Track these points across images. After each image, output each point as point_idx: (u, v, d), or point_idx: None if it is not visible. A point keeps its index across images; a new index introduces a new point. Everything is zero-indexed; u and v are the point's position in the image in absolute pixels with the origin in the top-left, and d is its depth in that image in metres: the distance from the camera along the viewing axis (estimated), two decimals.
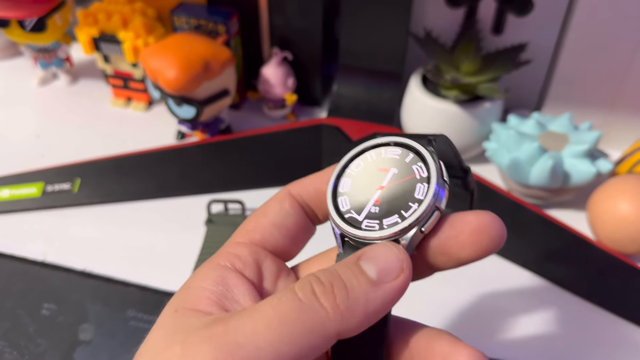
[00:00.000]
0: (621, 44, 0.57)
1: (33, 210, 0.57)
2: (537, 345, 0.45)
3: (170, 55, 0.56)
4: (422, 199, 0.22)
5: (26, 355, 0.44)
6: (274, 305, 0.19)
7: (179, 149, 0.62)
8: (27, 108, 0.71)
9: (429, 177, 0.22)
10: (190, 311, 0.21)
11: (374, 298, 0.19)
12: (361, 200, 0.23)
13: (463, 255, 0.22)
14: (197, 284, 0.23)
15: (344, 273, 0.20)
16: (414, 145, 0.23)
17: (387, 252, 0.20)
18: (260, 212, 0.26)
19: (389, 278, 0.20)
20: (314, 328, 0.18)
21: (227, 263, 0.24)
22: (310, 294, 0.19)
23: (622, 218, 0.49)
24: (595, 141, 0.53)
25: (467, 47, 0.58)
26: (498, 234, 0.22)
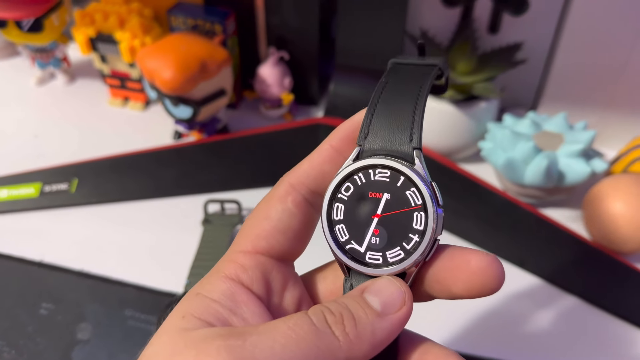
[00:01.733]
0: (616, 44, 0.57)
1: (31, 211, 0.57)
2: (531, 343, 0.46)
3: (167, 56, 0.56)
4: (423, 230, 0.22)
5: (25, 354, 0.45)
6: (291, 327, 0.19)
7: (176, 148, 0.62)
8: (25, 108, 0.71)
9: (424, 204, 0.22)
10: (199, 320, 0.21)
11: (379, 328, 0.21)
12: (359, 230, 0.23)
13: (455, 290, 0.22)
14: (205, 294, 0.22)
15: (351, 305, 0.21)
16: (402, 170, 0.22)
17: (390, 286, 0.22)
18: (263, 214, 0.25)
19: (393, 310, 0.21)
20: (326, 353, 0.19)
21: (235, 276, 0.23)
22: (323, 321, 0.20)
23: (617, 217, 0.50)
24: (590, 141, 0.53)
25: (463, 47, 0.58)
26: (495, 277, 0.21)
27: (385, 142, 0.23)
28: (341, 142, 0.24)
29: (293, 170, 0.25)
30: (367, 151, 0.23)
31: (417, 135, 0.22)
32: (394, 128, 0.23)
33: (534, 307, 0.48)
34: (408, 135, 0.23)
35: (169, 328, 0.21)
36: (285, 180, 0.25)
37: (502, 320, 0.47)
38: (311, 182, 0.24)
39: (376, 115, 0.23)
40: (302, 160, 0.25)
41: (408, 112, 0.23)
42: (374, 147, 0.23)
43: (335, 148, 0.24)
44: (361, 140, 0.23)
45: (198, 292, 0.22)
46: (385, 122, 0.23)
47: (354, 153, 0.23)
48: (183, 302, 0.22)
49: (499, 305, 0.48)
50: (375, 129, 0.23)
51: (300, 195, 0.24)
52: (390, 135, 0.23)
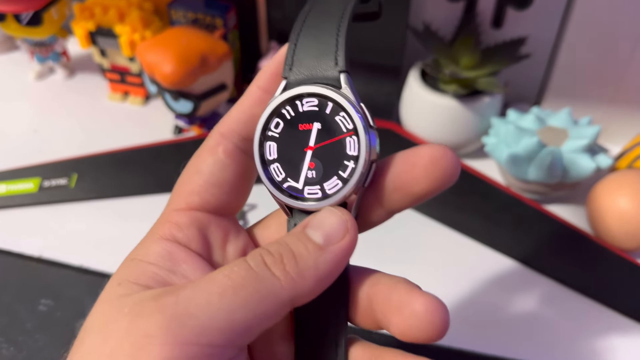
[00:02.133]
0: (622, 38, 0.56)
1: (30, 206, 0.56)
2: (534, 340, 0.45)
3: (167, 49, 0.55)
4: (357, 155, 0.21)
5: (24, 350, 0.44)
6: (227, 275, 0.19)
7: (176, 143, 0.62)
8: (24, 103, 0.71)
9: (355, 128, 0.21)
10: (135, 285, 0.20)
11: (323, 262, 0.20)
12: (294, 166, 0.22)
13: (417, 189, 0.21)
14: (140, 258, 0.22)
15: (292, 243, 0.20)
16: (328, 95, 0.21)
17: (330, 216, 0.21)
18: (193, 168, 0.23)
19: (335, 240, 0.20)
20: (267, 295, 0.19)
21: (170, 236, 0.22)
22: (262, 263, 0.19)
23: (622, 214, 0.49)
24: (595, 136, 0.53)
25: (467, 41, 0.58)
26: (451, 164, 0.21)
27: (311, 70, 0.22)
28: (268, 82, 0.23)
29: (222, 120, 0.24)
30: (292, 83, 0.22)
31: (341, 57, 0.22)
32: (319, 54, 0.22)
33: (535, 303, 0.48)
34: (333, 59, 0.22)
35: (106, 297, 0.20)
36: (214, 131, 0.23)
37: (503, 316, 0.47)
38: (242, 128, 0.23)
39: (299, 44, 0.22)
40: (231, 108, 0.24)
41: (331, 35, 0.22)
42: (300, 77, 0.22)
43: (263, 89, 0.23)
44: (286, 72, 0.22)
45: (133, 257, 0.22)
46: (308, 50, 0.22)
47: (280, 87, 0.22)
48: (119, 269, 0.22)
49: (501, 301, 0.48)
50: (300, 58, 0.22)
51: (231, 143, 0.23)
52: (315, 62, 0.22)
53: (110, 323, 0.19)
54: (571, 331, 0.46)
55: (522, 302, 0.48)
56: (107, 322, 0.19)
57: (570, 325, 0.47)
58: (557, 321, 0.47)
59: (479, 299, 0.48)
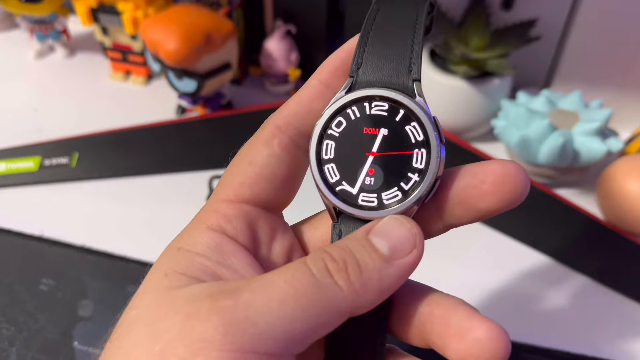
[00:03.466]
0: (633, 22, 0.55)
1: (30, 185, 0.55)
2: (545, 325, 0.45)
3: (171, 27, 0.54)
4: (423, 169, 0.20)
5: (25, 331, 0.44)
6: (288, 281, 0.18)
7: (179, 123, 0.61)
8: (24, 82, 0.69)
9: (426, 141, 0.20)
10: (183, 277, 0.19)
11: (387, 275, 0.19)
12: (352, 169, 0.21)
13: (483, 205, 0.20)
14: (188, 247, 0.20)
15: (356, 250, 0.19)
16: (403, 102, 0.20)
17: (399, 227, 0.19)
18: (246, 159, 0.22)
19: (402, 254, 0.19)
20: (328, 306, 0.18)
21: (217, 227, 0.21)
22: (325, 270, 0.18)
23: (632, 198, 0.48)
24: (607, 119, 0.52)
25: (476, 22, 0.57)
26: (522, 184, 0.20)
27: (381, 73, 0.21)
28: (330, 76, 0.22)
29: (279, 111, 0.22)
30: (360, 83, 0.21)
31: (417, 66, 0.21)
32: (391, 57, 0.21)
33: (546, 287, 0.47)
34: (407, 65, 0.21)
35: (152, 288, 0.19)
36: (270, 122, 0.22)
37: (513, 299, 0.46)
38: (299, 122, 0.22)
39: (370, 43, 0.21)
40: (288, 100, 0.23)
41: (406, 40, 0.21)
42: (369, 78, 0.21)
43: (324, 83, 0.22)
44: (353, 71, 0.21)
45: (179, 246, 0.21)
46: (380, 50, 0.21)
47: (346, 85, 0.21)
48: (163, 258, 0.20)
49: (510, 284, 0.47)
50: (370, 57, 0.21)
51: (287, 137, 0.22)
52: (387, 65, 0.21)
53: (160, 320, 0.18)
54: (579, 314, 0.46)
55: (530, 285, 0.47)
56: (156, 318, 0.18)
57: (577, 308, 0.46)
58: (566, 304, 0.46)
59: (486, 283, 0.47)
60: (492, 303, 0.46)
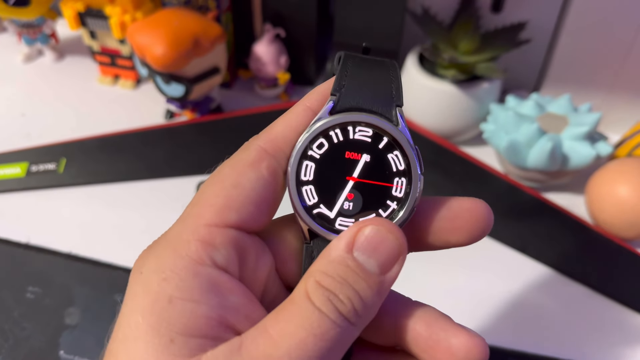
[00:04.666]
0: (623, 25, 0.55)
1: (17, 191, 0.55)
2: (532, 329, 0.45)
3: (159, 31, 0.54)
4: (402, 198, 0.21)
5: (10, 339, 0.43)
6: (318, 336, 0.18)
7: (167, 128, 0.60)
8: (11, 86, 0.69)
9: (408, 171, 0.20)
10: (192, 340, 0.18)
11: (384, 292, 0.19)
12: (331, 193, 0.21)
13: (453, 239, 0.21)
14: (180, 295, 0.18)
15: (351, 279, 0.19)
16: (387, 130, 0.20)
17: (385, 240, 0.19)
18: (229, 180, 0.21)
19: (390, 266, 0.19)
20: (348, 342, 0.19)
21: (206, 258, 0.19)
22: (340, 315, 0.18)
23: (621, 202, 0.48)
24: (595, 123, 0.52)
25: (466, 26, 0.56)
26: (490, 223, 0.21)
27: (364, 96, 0.21)
28: (319, 104, 0.22)
29: (265, 133, 0.22)
30: (343, 102, 0.21)
31: (398, 91, 0.21)
32: (373, 81, 0.21)
33: (533, 291, 0.47)
34: (389, 90, 0.21)
35: (156, 357, 0.18)
36: (255, 144, 0.21)
37: (500, 305, 0.46)
38: (288, 146, 0.21)
39: (351, 69, 0.21)
40: (274, 122, 0.22)
41: (386, 71, 0.21)
42: (351, 99, 0.21)
43: (312, 110, 0.22)
44: (336, 90, 0.21)
45: (171, 294, 0.18)
46: (362, 74, 0.21)
47: (328, 104, 0.21)
48: (152, 313, 0.18)
49: (497, 289, 0.47)
50: (352, 80, 0.21)
51: (275, 161, 0.21)
52: (370, 89, 0.21)
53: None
54: (567, 319, 0.46)
55: (518, 289, 0.47)
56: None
57: (567, 313, 0.46)
58: (554, 309, 0.46)
59: (474, 287, 0.47)
60: (478, 308, 0.46)
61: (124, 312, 0.19)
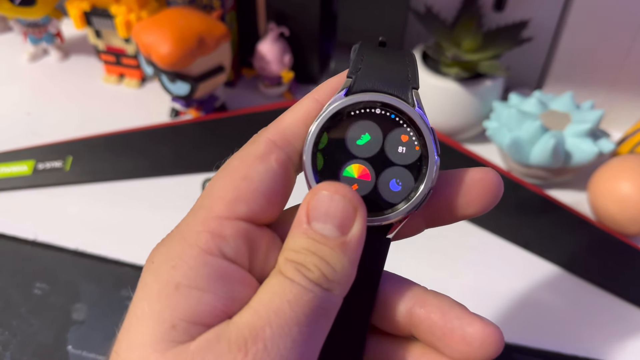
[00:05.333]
0: (625, 22, 0.56)
1: (24, 189, 0.55)
2: (535, 324, 0.45)
3: (164, 30, 0.54)
4: (419, 179, 0.21)
5: (18, 335, 0.44)
6: (292, 303, 0.18)
7: (172, 126, 0.61)
8: (17, 85, 0.69)
9: (424, 151, 0.20)
10: (195, 327, 0.18)
11: (351, 252, 0.19)
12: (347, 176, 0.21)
13: (468, 211, 0.22)
14: (188, 283, 0.19)
15: (314, 248, 0.19)
16: (404, 110, 0.20)
17: (334, 202, 0.19)
18: (238, 173, 0.21)
19: (349, 225, 0.19)
20: (330, 309, 0.19)
21: (215, 249, 0.19)
22: (310, 282, 0.19)
23: (623, 199, 0.49)
24: (598, 120, 0.52)
25: (468, 24, 0.57)
26: (500, 190, 0.22)
27: (381, 78, 0.21)
28: (328, 97, 0.22)
29: (273, 126, 0.22)
30: (359, 85, 0.21)
31: (414, 75, 0.21)
32: (391, 64, 0.21)
33: (536, 287, 0.48)
34: (405, 73, 0.21)
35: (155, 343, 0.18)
36: (264, 137, 0.21)
37: (503, 300, 0.47)
38: (297, 138, 0.21)
39: (367, 55, 0.22)
40: (283, 115, 0.22)
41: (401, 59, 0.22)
42: (367, 81, 0.21)
43: (321, 102, 0.22)
44: (352, 73, 0.21)
45: (177, 282, 0.19)
46: (378, 59, 0.21)
47: (344, 86, 0.21)
48: (159, 299, 0.18)
49: (500, 285, 0.48)
50: (368, 64, 0.21)
51: (284, 153, 0.21)
52: (386, 72, 0.21)
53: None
54: (570, 315, 0.46)
55: (521, 285, 0.48)
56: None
57: (569, 309, 0.46)
58: (557, 305, 0.47)
59: (477, 284, 0.48)
60: (482, 304, 0.46)
61: (134, 301, 0.19)
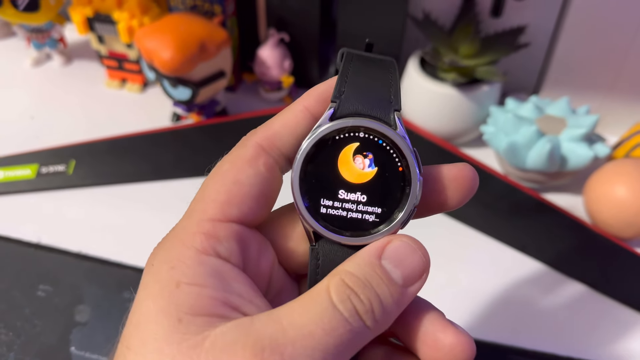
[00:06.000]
0: (621, 28, 0.56)
1: (27, 192, 0.56)
2: (531, 326, 0.46)
3: (166, 36, 0.55)
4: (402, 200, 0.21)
5: (22, 336, 0.44)
6: (327, 331, 0.18)
7: (174, 131, 0.62)
8: (21, 89, 0.70)
9: (408, 173, 0.21)
10: (199, 318, 0.19)
11: (403, 303, 0.20)
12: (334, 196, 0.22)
13: (445, 207, 0.23)
14: (187, 280, 0.19)
15: (375, 282, 0.20)
16: (386, 134, 0.21)
17: (412, 254, 0.21)
18: (229, 176, 0.22)
19: (413, 282, 0.20)
20: (360, 345, 0.19)
21: (210, 250, 0.20)
22: (355, 314, 0.19)
23: (619, 202, 0.49)
24: (593, 125, 0.53)
25: (466, 30, 0.58)
26: (476, 184, 0.23)
27: (363, 101, 0.22)
28: (316, 104, 0.23)
29: (262, 130, 0.22)
30: (343, 109, 0.21)
31: (397, 97, 0.22)
32: (372, 87, 0.22)
33: (532, 290, 0.48)
34: (388, 95, 0.22)
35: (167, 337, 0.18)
36: (252, 141, 0.22)
37: (500, 302, 0.47)
38: (283, 144, 0.22)
39: (351, 74, 0.22)
40: (271, 120, 0.23)
41: (385, 74, 0.22)
42: (351, 106, 0.22)
43: (309, 109, 0.22)
44: (336, 97, 0.22)
45: (178, 280, 0.19)
46: (361, 81, 0.22)
47: (329, 111, 0.21)
48: (162, 297, 0.19)
49: (497, 288, 0.48)
50: (351, 86, 0.22)
51: (271, 158, 0.22)
52: (369, 94, 0.22)
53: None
54: (566, 317, 0.47)
55: (518, 287, 0.48)
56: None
57: (566, 312, 0.47)
58: (553, 307, 0.47)
59: (473, 286, 0.48)
60: (478, 306, 0.47)
61: (137, 301, 0.20)
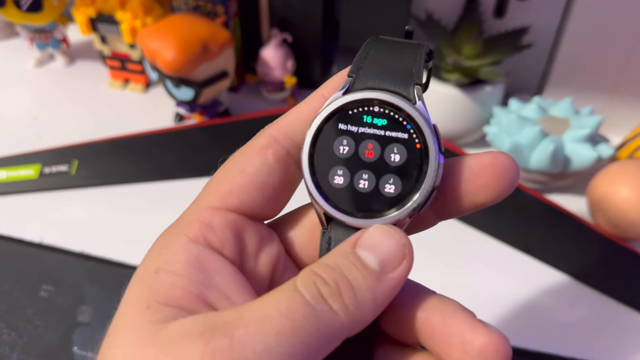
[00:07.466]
0: (624, 29, 0.56)
1: (30, 192, 0.56)
2: (535, 327, 0.46)
3: (169, 36, 0.55)
4: (420, 178, 0.19)
5: (25, 336, 0.44)
6: (284, 313, 0.17)
7: (177, 131, 0.62)
8: (24, 90, 0.70)
9: (425, 149, 0.19)
10: (167, 308, 0.18)
11: (380, 292, 0.18)
12: (345, 174, 0.20)
13: (480, 200, 0.20)
14: (167, 267, 0.19)
15: (346, 269, 0.18)
16: (402, 107, 0.19)
17: (387, 239, 0.19)
18: (237, 166, 0.21)
19: (392, 267, 0.19)
20: (327, 333, 0.17)
21: (200, 238, 0.20)
22: (319, 297, 0.17)
23: (622, 203, 0.49)
24: (597, 126, 0.53)
25: (469, 30, 0.57)
26: (515, 175, 0.20)
27: (382, 77, 0.20)
28: (335, 92, 0.21)
29: (276, 121, 0.22)
30: (359, 84, 0.20)
31: (418, 72, 0.20)
32: (395, 62, 0.20)
33: (536, 291, 0.48)
34: (409, 69, 0.20)
35: (133, 323, 0.18)
36: (266, 131, 0.21)
37: (502, 303, 0.47)
38: (297, 134, 0.21)
39: (372, 51, 0.21)
40: (288, 111, 0.22)
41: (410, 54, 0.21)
42: (368, 80, 0.20)
43: (327, 98, 0.21)
44: (353, 72, 0.20)
45: (158, 266, 0.19)
46: (382, 57, 0.21)
47: (344, 85, 0.20)
48: (141, 282, 0.19)
49: (502, 289, 0.48)
50: (371, 62, 0.20)
51: (283, 148, 0.21)
52: (389, 69, 0.20)
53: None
54: (569, 318, 0.46)
55: (521, 289, 0.48)
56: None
57: (569, 313, 0.47)
58: (557, 308, 0.47)
59: (477, 287, 0.48)
60: (482, 308, 0.47)
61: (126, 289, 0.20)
